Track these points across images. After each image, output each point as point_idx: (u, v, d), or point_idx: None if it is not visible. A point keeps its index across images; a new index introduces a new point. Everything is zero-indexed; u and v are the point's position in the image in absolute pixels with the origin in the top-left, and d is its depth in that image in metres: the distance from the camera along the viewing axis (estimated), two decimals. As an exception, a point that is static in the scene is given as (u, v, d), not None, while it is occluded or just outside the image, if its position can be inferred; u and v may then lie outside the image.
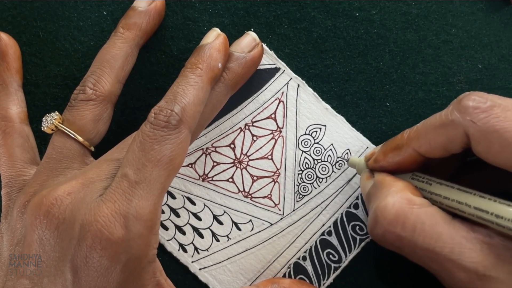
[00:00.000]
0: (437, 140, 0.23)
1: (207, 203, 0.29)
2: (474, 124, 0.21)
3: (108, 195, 0.21)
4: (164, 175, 0.22)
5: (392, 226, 0.22)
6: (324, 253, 0.28)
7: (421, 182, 0.24)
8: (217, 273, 0.28)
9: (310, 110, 0.29)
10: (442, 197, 0.23)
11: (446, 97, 0.30)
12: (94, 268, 0.20)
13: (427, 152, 0.23)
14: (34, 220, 0.22)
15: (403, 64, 0.30)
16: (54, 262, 0.21)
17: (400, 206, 0.22)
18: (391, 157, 0.25)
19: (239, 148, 0.29)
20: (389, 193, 0.23)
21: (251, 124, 0.29)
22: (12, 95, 0.28)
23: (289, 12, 0.30)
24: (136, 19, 0.27)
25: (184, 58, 0.30)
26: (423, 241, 0.22)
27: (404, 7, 0.30)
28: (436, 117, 0.23)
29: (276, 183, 0.29)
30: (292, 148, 0.29)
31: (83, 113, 0.25)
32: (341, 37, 0.30)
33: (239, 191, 0.29)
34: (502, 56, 0.31)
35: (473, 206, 0.21)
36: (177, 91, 0.23)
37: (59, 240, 0.21)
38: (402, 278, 0.29)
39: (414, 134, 0.24)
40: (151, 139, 0.22)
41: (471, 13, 0.31)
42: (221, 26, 0.30)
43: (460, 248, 0.21)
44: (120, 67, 0.26)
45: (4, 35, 0.28)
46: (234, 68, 0.26)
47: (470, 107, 0.21)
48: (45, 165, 0.25)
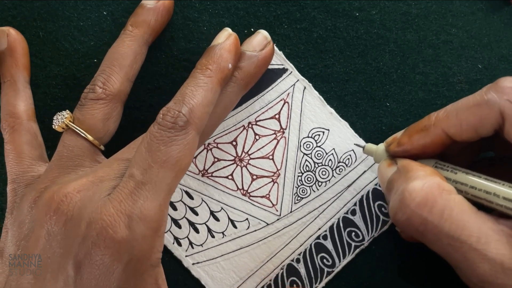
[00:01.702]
0: (469, 120, 0.22)
1: (205, 199, 0.29)
2: (511, 104, 0.21)
3: (115, 195, 0.21)
4: (170, 176, 0.22)
5: (419, 209, 0.21)
6: (318, 257, 0.28)
7: (445, 170, 0.24)
8: (210, 269, 0.28)
9: (314, 113, 0.29)
10: (469, 186, 0.22)
11: (446, 97, 0.30)
12: (96, 266, 0.21)
13: (456, 134, 0.23)
14: (44, 215, 0.22)
15: (403, 64, 0.30)
16: (58, 258, 0.21)
17: (430, 190, 0.22)
18: (416, 139, 0.24)
19: (240, 146, 0.29)
20: (417, 176, 0.22)
21: (254, 123, 0.29)
22: (20, 91, 0.28)
23: (289, 12, 0.30)
24: (144, 16, 0.27)
25: (184, 58, 0.30)
26: (450, 227, 0.21)
27: (404, 7, 0.30)
28: (469, 98, 0.23)
29: (275, 184, 0.29)
30: (293, 149, 0.29)
31: (93, 112, 0.25)
32: (341, 37, 0.30)
33: (237, 188, 0.29)
34: (502, 56, 0.31)
35: (502, 196, 0.21)
36: (185, 92, 0.23)
37: (65, 237, 0.21)
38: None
39: (443, 114, 0.23)
40: (158, 140, 0.22)
41: (471, 13, 0.31)
42: (221, 26, 0.30)
43: (486, 238, 0.20)
44: (129, 65, 0.26)
45: (13, 30, 0.28)
46: (246, 67, 0.26)
47: (508, 87, 0.21)
48: (56, 163, 0.25)
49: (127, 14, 0.30)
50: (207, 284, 0.28)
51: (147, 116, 0.29)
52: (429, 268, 0.29)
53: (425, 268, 0.29)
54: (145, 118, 0.29)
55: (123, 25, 0.30)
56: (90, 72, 0.29)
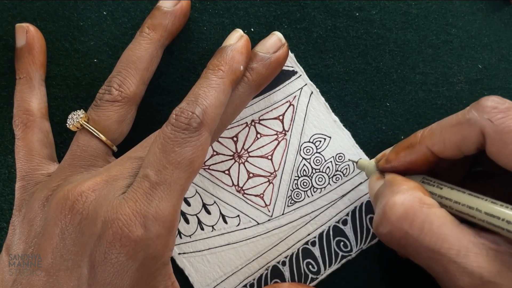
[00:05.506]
0: (452, 138, 0.23)
1: (199, 190, 0.29)
2: (491, 123, 0.21)
3: (130, 194, 0.22)
4: (184, 177, 0.22)
5: (400, 223, 0.22)
6: (304, 262, 0.28)
7: (431, 185, 0.24)
8: (195, 260, 0.28)
9: (318, 119, 0.29)
10: (453, 201, 0.23)
11: (446, 97, 0.30)
12: (111, 264, 0.21)
13: (440, 151, 0.23)
14: (59, 214, 0.22)
15: (403, 64, 0.30)
16: (72, 256, 0.21)
17: (410, 204, 0.22)
18: (403, 156, 0.25)
19: (241, 143, 0.29)
20: (399, 190, 0.23)
21: (257, 121, 0.29)
22: (36, 89, 0.28)
23: (289, 12, 0.30)
24: (161, 19, 0.27)
25: (184, 58, 0.30)
26: (430, 241, 0.21)
27: (404, 7, 0.30)
28: (452, 117, 0.23)
29: (270, 184, 0.29)
30: (293, 152, 0.29)
31: (108, 113, 0.26)
32: (341, 37, 0.30)
33: (233, 184, 0.29)
34: (502, 56, 0.31)
35: (484, 211, 0.21)
36: (198, 93, 0.23)
37: (79, 235, 0.21)
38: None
39: (428, 132, 0.24)
40: (172, 141, 0.22)
41: (471, 13, 0.31)
42: (221, 26, 0.30)
43: (466, 251, 0.21)
44: (145, 69, 0.26)
45: (32, 27, 0.28)
46: (258, 69, 0.26)
47: (489, 107, 0.21)
48: (69, 162, 0.25)
49: (127, 14, 0.30)
50: (190, 275, 0.28)
51: (146, 115, 0.29)
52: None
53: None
54: (144, 117, 0.29)
55: (123, 25, 0.30)
56: (90, 72, 0.29)
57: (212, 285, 0.28)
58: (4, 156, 0.29)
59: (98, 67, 0.29)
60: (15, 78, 0.28)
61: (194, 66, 0.30)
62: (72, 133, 0.26)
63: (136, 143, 0.25)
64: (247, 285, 0.28)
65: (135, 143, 0.25)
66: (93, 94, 0.27)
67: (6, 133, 0.29)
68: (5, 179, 0.28)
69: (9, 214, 0.28)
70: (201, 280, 0.28)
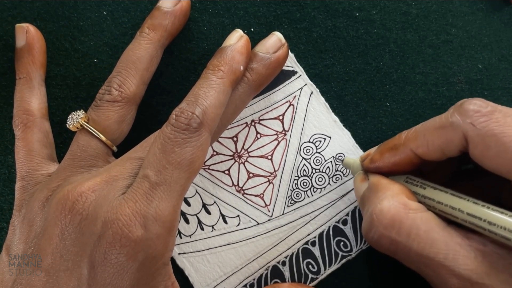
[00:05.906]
0: (435, 141, 0.23)
1: (199, 190, 0.29)
2: (473, 127, 0.21)
3: (130, 195, 0.22)
4: (184, 178, 0.22)
5: (387, 230, 0.22)
6: (304, 262, 0.28)
7: (415, 185, 0.24)
8: (195, 260, 0.28)
9: (318, 119, 0.29)
10: (436, 201, 0.23)
11: (446, 97, 0.30)
12: (111, 264, 0.21)
13: (424, 154, 0.23)
14: (59, 214, 0.22)
15: (403, 64, 0.30)
16: (72, 257, 0.21)
17: (396, 211, 0.22)
18: (387, 157, 0.25)
19: (241, 143, 0.29)
20: (385, 197, 0.23)
21: (257, 121, 0.29)
22: (35, 89, 0.28)
23: (289, 12, 0.30)
24: (161, 19, 0.27)
25: (184, 58, 0.30)
26: (418, 246, 0.22)
27: (404, 7, 0.30)
28: (435, 119, 0.23)
29: (270, 184, 0.29)
30: (293, 152, 0.29)
31: (108, 114, 0.26)
32: (341, 37, 0.30)
33: (233, 184, 0.29)
34: (502, 56, 0.31)
35: (466, 212, 0.21)
36: (198, 93, 0.23)
37: (79, 235, 0.21)
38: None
39: (412, 134, 0.24)
40: (172, 141, 0.22)
41: (471, 13, 0.31)
42: (221, 26, 0.30)
43: (454, 254, 0.21)
44: (145, 69, 0.26)
45: (32, 27, 0.28)
46: (258, 69, 0.26)
47: (471, 110, 0.21)
48: (69, 162, 0.25)
49: (127, 14, 0.30)
50: (190, 275, 0.28)
51: (146, 115, 0.29)
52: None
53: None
54: (144, 117, 0.29)
55: (123, 25, 0.30)
56: (90, 72, 0.29)
57: (212, 285, 0.28)
58: (4, 156, 0.29)
59: (98, 67, 0.29)
60: (15, 78, 0.28)
61: (194, 66, 0.30)
62: (72, 133, 0.26)
63: (136, 143, 0.25)
64: (247, 285, 0.28)
65: (135, 143, 0.25)
66: (93, 94, 0.27)
67: (6, 133, 0.29)
68: (5, 179, 0.28)
69: (9, 214, 0.28)
70: (201, 280, 0.28)
